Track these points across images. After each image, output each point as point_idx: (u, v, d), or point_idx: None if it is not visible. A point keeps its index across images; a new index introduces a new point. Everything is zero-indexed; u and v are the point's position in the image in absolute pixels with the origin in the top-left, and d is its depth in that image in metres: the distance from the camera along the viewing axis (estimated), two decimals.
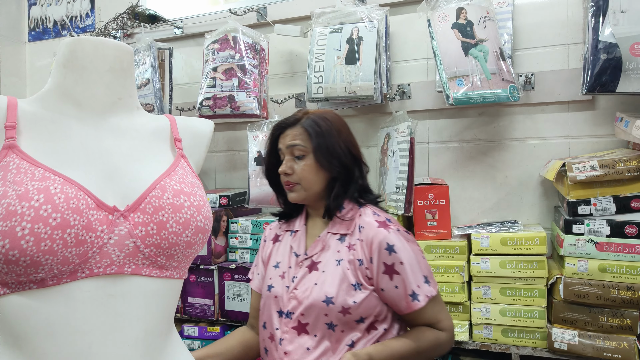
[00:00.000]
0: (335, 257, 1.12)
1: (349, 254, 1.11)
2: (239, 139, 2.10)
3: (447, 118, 1.77)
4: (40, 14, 2.56)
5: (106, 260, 0.69)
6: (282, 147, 1.19)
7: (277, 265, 1.22)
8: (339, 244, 1.14)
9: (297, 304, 1.11)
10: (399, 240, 1.09)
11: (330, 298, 1.08)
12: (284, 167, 1.18)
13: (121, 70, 0.82)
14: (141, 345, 0.71)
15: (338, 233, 1.15)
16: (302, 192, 1.17)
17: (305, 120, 1.19)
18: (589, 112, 1.61)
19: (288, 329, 1.12)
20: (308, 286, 1.11)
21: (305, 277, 1.13)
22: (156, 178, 0.76)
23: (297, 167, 1.17)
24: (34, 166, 0.67)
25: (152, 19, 2.14)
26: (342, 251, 1.12)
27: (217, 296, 1.71)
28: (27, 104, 0.76)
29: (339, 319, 1.08)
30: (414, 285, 1.08)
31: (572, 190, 1.36)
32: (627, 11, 1.36)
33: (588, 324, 1.31)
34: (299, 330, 1.11)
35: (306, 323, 1.10)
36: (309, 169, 1.17)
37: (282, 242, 1.26)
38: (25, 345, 0.66)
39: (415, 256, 1.11)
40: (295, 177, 1.17)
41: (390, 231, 1.10)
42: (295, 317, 1.11)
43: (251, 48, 1.82)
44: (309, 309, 1.09)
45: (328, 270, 1.11)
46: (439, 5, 1.56)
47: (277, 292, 1.16)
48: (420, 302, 1.08)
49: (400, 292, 1.08)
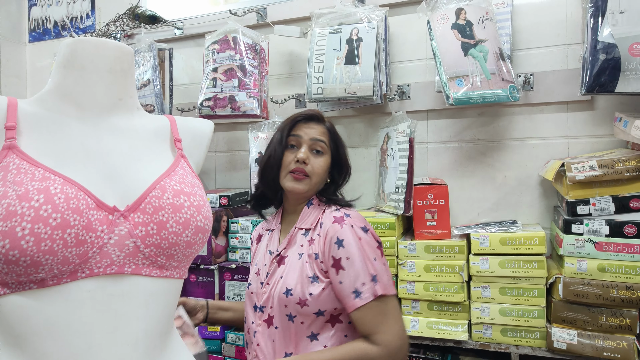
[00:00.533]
0: (298, 251, 1.15)
1: (309, 248, 1.14)
2: (239, 139, 2.10)
3: (446, 118, 1.78)
4: (40, 15, 2.57)
5: (106, 260, 0.69)
6: (304, 135, 1.20)
7: (256, 264, 1.26)
8: (303, 239, 1.17)
9: (267, 298, 1.16)
10: (349, 235, 1.09)
11: (289, 290, 1.11)
12: (303, 154, 1.17)
13: (121, 71, 0.82)
14: (141, 345, 0.71)
15: (303, 228, 1.18)
16: (307, 185, 1.18)
17: (328, 123, 1.25)
18: (588, 112, 1.61)
19: (260, 322, 1.16)
20: (276, 280, 1.15)
21: (275, 273, 1.17)
22: (156, 178, 0.76)
23: (314, 160, 1.18)
24: (34, 166, 0.67)
25: (153, 19, 2.14)
26: (304, 245, 1.15)
27: (218, 296, 1.72)
28: (28, 104, 0.76)
29: (297, 310, 1.10)
30: (358, 282, 1.06)
31: (571, 190, 1.36)
32: (626, 11, 1.36)
33: (587, 324, 1.31)
34: (268, 323, 1.15)
35: (272, 316, 1.14)
36: (325, 166, 1.20)
37: (262, 242, 1.30)
38: (26, 345, 0.66)
39: (364, 253, 1.08)
40: (310, 169, 1.18)
41: (343, 226, 1.11)
42: (267, 310, 1.15)
43: (251, 49, 1.83)
44: (274, 301, 1.13)
45: (291, 263, 1.15)
46: (438, 6, 1.56)
47: (253, 289, 1.22)
48: (361, 300, 1.05)
49: (344, 288, 1.07)
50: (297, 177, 1.17)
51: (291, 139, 1.21)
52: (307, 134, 1.20)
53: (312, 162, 1.18)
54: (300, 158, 1.16)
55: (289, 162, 1.18)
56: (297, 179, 1.17)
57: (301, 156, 1.16)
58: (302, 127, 1.21)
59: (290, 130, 1.21)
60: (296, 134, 1.21)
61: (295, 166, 1.17)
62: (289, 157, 1.19)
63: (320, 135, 1.21)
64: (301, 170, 1.17)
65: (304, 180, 1.17)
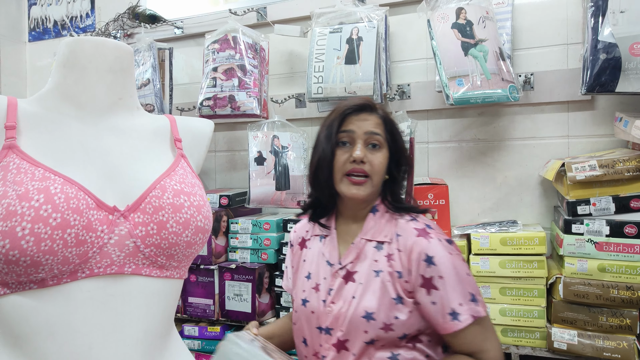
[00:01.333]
0: (374, 268, 1.00)
1: (388, 265, 0.99)
2: (239, 139, 2.10)
3: (446, 118, 1.77)
4: (40, 14, 2.56)
5: (106, 260, 0.69)
6: (357, 130, 1.03)
7: (309, 275, 1.10)
8: (376, 253, 1.02)
9: (335, 320, 1.01)
10: (440, 251, 0.97)
11: (370, 314, 0.97)
12: (360, 152, 1.01)
13: (121, 71, 0.82)
14: (141, 345, 0.71)
15: (374, 240, 1.03)
16: (369, 188, 1.03)
17: (381, 111, 1.09)
18: (588, 112, 1.61)
19: (329, 345, 1.02)
20: (346, 299, 1.00)
21: (342, 290, 1.02)
22: (156, 178, 0.76)
23: (372, 157, 1.03)
24: (34, 166, 0.67)
25: (152, 19, 2.14)
26: (381, 261, 1.01)
27: (218, 296, 1.71)
28: (27, 104, 0.76)
29: (380, 335, 0.97)
30: (454, 302, 0.94)
31: (571, 190, 1.36)
32: (627, 11, 1.36)
33: (587, 324, 1.31)
34: (339, 347, 1.00)
35: (345, 339, 0.99)
36: (385, 162, 1.05)
37: (310, 249, 1.13)
38: (26, 345, 0.66)
39: (458, 270, 0.97)
40: (369, 167, 1.02)
41: (430, 240, 0.98)
42: (335, 333, 1.01)
43: (251, 48, 1.83)
44: (348, 324, 0.99)
45: (367, 282, 1.00)
46: (438, 6, 1.56)
47: (313, 307, 1.05)
48: (461, 322, 0.93)
49: (438, 309, 0.95)
50: (356, 182, 1.02)
51: (342, 135, 1.05)
52: (361, 128, 1.04)
53: (371, 159, 1.02)
54: (357, 157, 1.01)
55: (343, 163, 1.03)
56: (356, 184, 1.02)
57: (358, 154, 1.01)
58: (354, 120, 1.05)
59: (340, 125, 1.05)
60: (347, 129, 1.04)
61: (351, 167, 1.02)
62: (342, 157, 1.03)
63: (375, 127, 1.04)
64: (360, 171, 1.02)
65: (364, 184, 1.02)
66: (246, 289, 1.66)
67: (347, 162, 1.02)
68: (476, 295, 0.97)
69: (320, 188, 1.07)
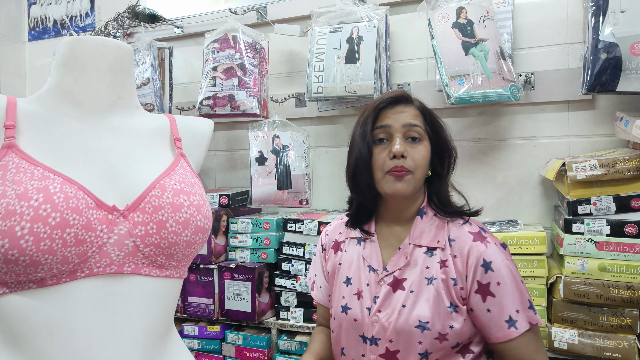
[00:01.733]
0: (425, 275, 0.95)
1: (441, 271, 0.95)
2: (239, 138, 2.10)
3: (447, 117, 1.77)
4: (40, 13, 2.56)
5: (106, 260, 0.69)
6: (394, 123, 0.97)
7: (347, 281, 1.03)
8: (427, 259, 0.97)
9: (382, 329, 0.96)
10: (497, 257, 0.94)
11: (425, 323, 0.92)
12: (400, 146, 0.94)
13: (121, 70, 0.82)
14: (141, 344, 0.71)
15: (424, 246, 0.98)
16: (412, 183, 0.96)
17: (417, 102, 1.02)
18: (588, 111, 1.61)
19: (376, 357, 0.97)
20: (395, 308, 0.95)
21: (389, 298, 0.97)
22: (156, 177, 0.76)
23: (412, 152, 0.96)
24: (33, 165, 0.67)
25: (152, 18, 2.14)
26: (433, 268, 0.96)
27: (217, 295, 1.71)
28: (27, 103, 0.76)
29: (435, 346, 0.93)
30: (511, 309, 0.92)
31: (572, 190, 1.36)
32: (627, 11, 1.35)
33: (588, 324, 1.31)
34: (389, 358, 0.96)
35: (396, 350, 0.95)
36: (427, 155, 0.98)
37: (346, 252, 1.07)
38: (25, 344, 0.66)
39: (515, 277, 0.94)
40: (411, 162, 0.95)
41: (488, 245, 0.95)
42: (383, 343, 0.96)
43: (251, 47, 1.82)
44: (399, 335, 0.94)
45: (418, 291, 0.95)
46: (439, 5, 1.56)
47: (357, 315, 0.99)
48: (517, 329, 0.91)
49: (494, 316, 0.92)
50: (400, 176, 0.95)
51: (378, 132, 0.98)
52: (398, 121, 0.97)
53: (412, 153, 0.96)
54: (396, 152, 0.94)
55: (383, 161, 0.96)
56: (400, 179, 0.95)
57: (398, 149, 0.94)
58: (389, 114, 0.98)
59: (375, 122, 0.98)
60: (384, 124, 0.97)
61: (392, 164, 0.95)
62: (381, 155, 0.97)
63: (413, 118, 0.97)
64: (401, 168, 0.95)
65: (405, 178, 0.95)
66: (246, 289, 1.66)
67: (387, 159, 0.96)
68: (532, 302, 0.95)
69: (361, 190, 1.01)
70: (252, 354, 1.65)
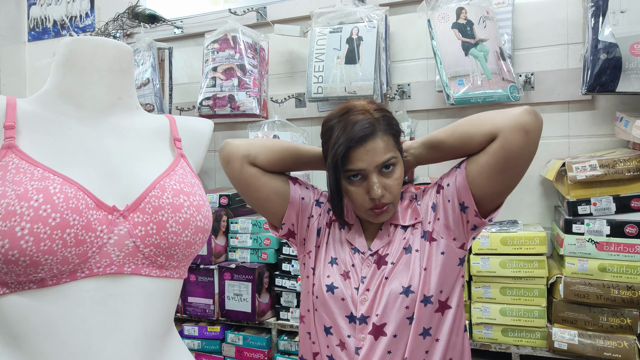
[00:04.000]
0: (403, 246, 1.01)
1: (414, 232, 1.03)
2: (238, 138, 2.10)
3: (446, 118, 1.77)
4: (39, 14, 2.56)
5: (106, 260, 0.68)
6: (368, 167, 0.95)
7: (333, 261, 1.06)
8: (407, 233, 1.03)
9: (370, 305, 0.99)
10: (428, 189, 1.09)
11: (408, 287, 0.97)
12: (380, 191, 0.96)
13: (121, 70, 0.82)
14: (141, 345, 0.71)
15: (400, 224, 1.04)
16: (391, 210, 1.01)
17: (382, 121, 0.98)
18: (588, 112, 1.61)
19: (365, 335, 0.98)
20: (379, 282, 0.99)
21: (375, 275, 1.01)
22: (156, 178, 0.76)
23: (389, 183, 0.98)
24: (33, 166, 0.67)
25: (152, 18, 2.14)
26: (408, 238, 1.02)
27: (217, 296, 1.71)
28: (27, 103, 0.75)
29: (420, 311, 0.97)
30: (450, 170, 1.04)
31: (572, 190, 1.36)
32: (627, 11, 1.36)
33: (588, 324, 1.31)
34: (377, 333, 0.97)
35: (383, 324, 0.97)
36: (402, 175, 1.01)
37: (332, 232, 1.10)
38: (25, 345, 0.66)
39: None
40: (389, 196, 0.98)
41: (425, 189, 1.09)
42: (371, 320, 0.98)
43: (251, 48, 1.82)
44: (385, 306, 0.97)
45: (397, 260, 1.00)
46: (438, 5, 1.56)
47: (344, 294, 1.01)
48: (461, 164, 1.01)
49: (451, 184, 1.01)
50: (381, 212, 0.98)
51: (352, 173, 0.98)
52: (371, 163, 0.95)
53: (389, 186, 0.97)
54: (376, 197, 0.96)
55: (362, 199, 0.98)
56: (381, 213, 0.99)
57: (377, 194, 0.95)
58: (360, 154, 0.95)
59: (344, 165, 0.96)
60: (357, 168, 0.96)
61: (372, 204, 0.98)
62: (359, 193, 0.98)
63: (384, 152, 0.96)
64: (382, 205, 0.98)
65: (389, 209, 0.99)
66: (246, 289, 1.66)
67: (366, 198, 0.97)
68: None
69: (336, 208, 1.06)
70: (252, 354, 1.65)
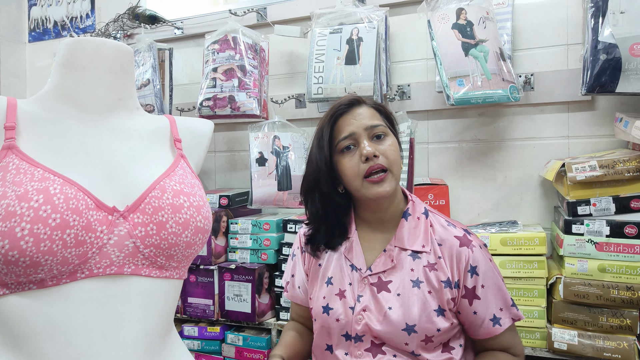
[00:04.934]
0: (411, 278, 0.95)
1: (431, 275, 0.95)
2: (239, 139, 2.10)
3: (447, 118, 1.77)
4: (40, 15, 2.56)
5: (106, 261, 0.69)
6: (357, 129, 0.94)
7: (329, 281, 1.02)
8: (413, 262, 0.96)
9: (368, 328, 0.95)
10: (482, 260, 0.96)
11: (412, 326, 0.93)
12: (370, 147, 0.91)
13: (121, 71, 0.82)
14: (141, 345, 0.71)
15: (409, 249, 0.97)
16: (392, 182, 0.94)
17: (370, 101, 1.01)
18: (588, 112, 1.61)
19: (361, 352, 0.96)
20: (381, 311, 0.95)
21: (374, 299, 0.96)
22: (156, 178, 0.76)
23: (383, 149, 0.93)
24: (33, 167, 0.67)
25: (152, 19, 2.14)
26: (418, 271, 0.95)
27: (217, 296, 1.71)
28: (27, 104, 0.76)
29: (422, 347, 0.94)
30: (495, 308, 0.96)
31: (571, 191, 1.36)
32: (627, 11, 1.36)
33: (588, 324, 1.31)
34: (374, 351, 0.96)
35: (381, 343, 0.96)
36: (397, 149, 0.96)
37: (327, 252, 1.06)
38: (25, 345, 0.66)
39: (497, 277, 0.98)
40: (384, 159, 0.93)
41: (473, 249, 0.96)
42: (367, 339, 0.96)
43: (251, 48, 1.83)
44: (385, 336, 0.94)
45: (405, 294, 0.94)
46: (438, 6, 1.56)
47: (339, 315, 0.98)
48: (501, 326, 0.96)
49: (479, 317, 0.96)
50: (377, 180, 0.92)
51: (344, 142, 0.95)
52: (359, 125, 0.94)
53: (382, 151, 0.93)
54: (368, 153, 0.91)
55: (357, 166, 0.94)
56: (378, 182, 0.92)
57: (369, 150, 0.91)
58: (348, 120, 0.95)
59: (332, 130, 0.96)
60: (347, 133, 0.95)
61: (367, 166, 0.92)
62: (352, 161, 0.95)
63: (373, 119, 0.96)
64: (378, 167, 0.92)
65: (386, 179, 0.93)
66: (246, 289, 1.66)
67: (360, 163, 0.93)
68: (512, 299, 1.00)
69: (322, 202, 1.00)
70: (252, 355, 1.65)
